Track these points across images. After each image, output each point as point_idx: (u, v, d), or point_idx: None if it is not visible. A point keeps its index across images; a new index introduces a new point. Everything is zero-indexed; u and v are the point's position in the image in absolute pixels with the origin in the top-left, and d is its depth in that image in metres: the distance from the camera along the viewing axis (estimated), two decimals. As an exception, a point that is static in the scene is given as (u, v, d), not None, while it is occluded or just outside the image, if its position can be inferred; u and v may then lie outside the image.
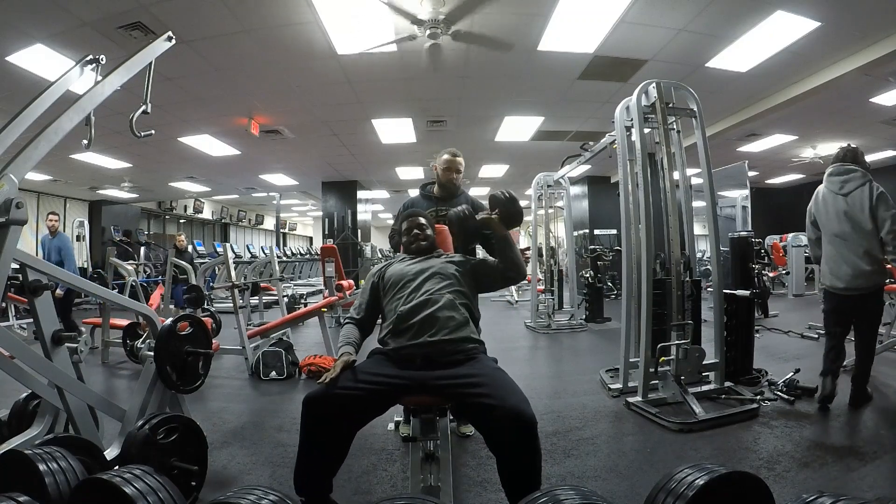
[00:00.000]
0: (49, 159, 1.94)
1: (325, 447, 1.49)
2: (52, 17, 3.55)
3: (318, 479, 1.53)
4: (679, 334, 2.86)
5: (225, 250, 4.49)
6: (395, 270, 1.88)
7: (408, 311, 1.68)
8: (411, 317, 1.67)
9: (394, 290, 1.80)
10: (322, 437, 1.47)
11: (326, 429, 1.47)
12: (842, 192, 2.75)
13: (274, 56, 4.44)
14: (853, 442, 2.26)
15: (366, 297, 1.90)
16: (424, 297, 1.70)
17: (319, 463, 1.51)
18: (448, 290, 1.75)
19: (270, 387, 3.55)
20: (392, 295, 1.80)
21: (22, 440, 1.58)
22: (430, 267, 1.84)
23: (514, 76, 5.09)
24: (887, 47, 4.18)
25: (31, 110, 1.62)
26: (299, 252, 15.23)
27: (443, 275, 1.80)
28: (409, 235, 2.03)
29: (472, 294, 1.86)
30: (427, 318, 1.65)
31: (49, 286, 1.60)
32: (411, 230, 2.03)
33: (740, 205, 5.14)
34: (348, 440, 1.52)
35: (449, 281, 1.79)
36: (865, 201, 2.65)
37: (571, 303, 6.52)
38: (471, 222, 1.90)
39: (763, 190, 11.39)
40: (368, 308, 1.88)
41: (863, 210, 2.65)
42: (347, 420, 1.50)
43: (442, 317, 1.66)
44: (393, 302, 1.77)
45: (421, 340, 1.62)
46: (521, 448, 1.39)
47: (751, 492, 1.06)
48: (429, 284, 1.76)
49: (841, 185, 2.77)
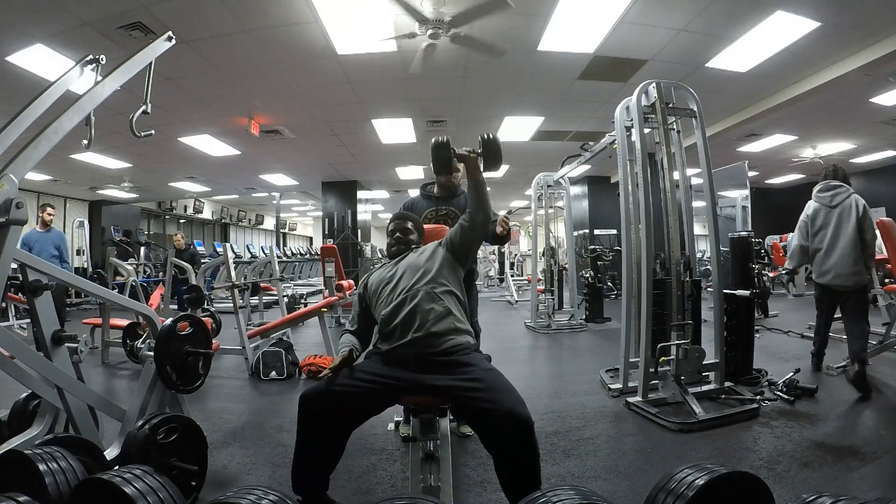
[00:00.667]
0: (49, 159, 1.94)
1: (322, 444, 1.50)
2: (52, 17, 3.55)
3: (315, 477, 1.54)
4: (679, 334, 2.86)
5: (225, 250, 4.49)
6: (375, 278, 1.88)
7: (389, 314, 1.69)
8: (393, 318, 1.67)
9: (377, 297, 1.81)
10: (318, 433, 1.48)
11: (323, 426, 1.48)
12: (832, 205, 3.26)
13: (274, 56, 4.44)
14: (853, 442, 2.25)
15: (356, 309, 1.90)
16: (401, 297, 1.70)
17: (316, 460, 1.52)
18: (422, 282, 1.73)
19: (270, 387, 3.55)
20: (376, 302, 1.80)
21: (22, 440, 1.58)
22: (404, 265, 1.83)
23: (514, 76, 5.09)
24: (887, 47, 4.18)
25: (31, 110, 1.62)
26: (299, 252, 15.24)
27: (414, 267, 1.79)
28: (391, 238, 2.01)
29: (453, 275, 1.82)
30: (408, 315, 1.65)
31: (49, 286, 1.60)
32: (394, 233, 2.01)
33: (740, 205, 5.15)
34: (345, 437, 1.53)
35: (421, 271, 1.77)
36: (853, 211, 3.17)
37: (571, 303, 6.52)
38: (443, 152, 1.82)
39: (763, 190, 11.39)
40: (361, 319, 1.87)
41: (849, 218, 3.17)
42: (345, 417, 1.51)
43: (422, 311, 1.65)
44: (378, 308, 1.78)
45: (408, 339, 1.62)
46: (518, 449, 1.38)
47: (751, 492, 1.06)
48: (403, 282, 1.75)
49: (831, 198, 3.27)
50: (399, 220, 2.04)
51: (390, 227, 2.05)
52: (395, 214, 2.11)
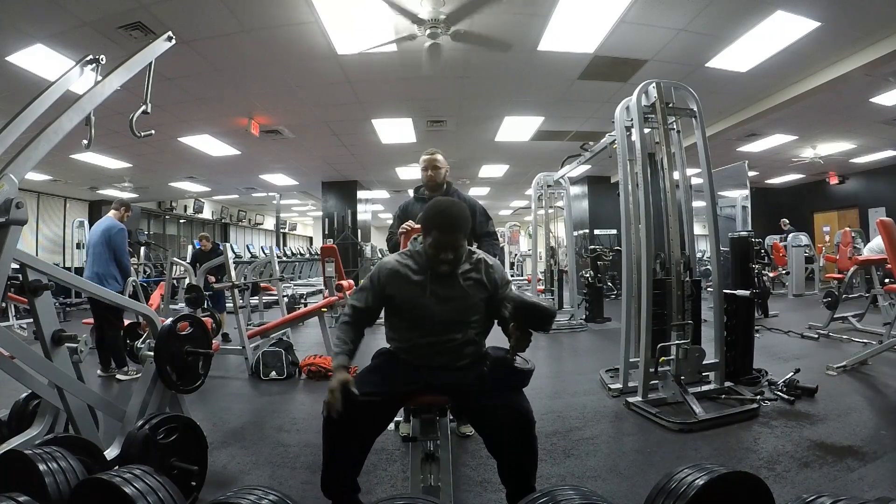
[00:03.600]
0: (49, 159, 1.94)
1: (349, 455, 1.51)
2: (52, 17, 3.55)
3: (347, 482, 1.56)
4: (679, 334, 2.86)
5: (225, 250, 4.49)
6: (404, 292, 1.60)
7: (425, 344, 1.60)
8: (429, 349, 1.60)
9: (408, 313, 1.61)
10: (344, 448, 1.49)
11: (348, 441, 1.48)
12: None
13: (274, 56, 4.43)
14: (853, 442, 2.25)
15: (369, 300, 1.65)
16: (445, 337, 1.58)
17: (345, 469, 1.54)
18: (471, 326, 1.61)
19: (270, 387, 3.55)
20: (403, 315, 1.62)
21: (22, 440, 1.59)
22: (449, 296, 1.59)
23: (514, 76, 5.09)
24: (887, 47, 4.17)
25: (31, 110, 1.62)
26: (299, 252, 15.23)
27: (464, 304, 1.59)
28: (437, 252, 1.54)
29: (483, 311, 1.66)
30: (443, 350, 1.60)
31: (49, 286, 1.60)
32: (444, 249, 1.53)
33: (740, 205, 5.15)
34: (370, 445, 1.56)
35: (469, 311, 1.60)
36: None
37: (571, 303, 6.52)
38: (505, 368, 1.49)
39: (763, 190, 11.38)
40: (365, 315, 1.65)
41: None
42: (368, 431, 1.52)
43: (458, 349, 1.62)
44: (407, 329, 1.62)
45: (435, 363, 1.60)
46: (520, 444, 1.43)
47: (751, 492, 1.06)
48: (450, 317, 1.58)
49: None
50: (448, 234, 1.53)
51: (436, 237, 1.53)
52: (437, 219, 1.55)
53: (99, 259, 3.88)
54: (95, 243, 3.93)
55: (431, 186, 2.60)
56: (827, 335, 4.68)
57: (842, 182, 10.75)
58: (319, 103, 5.79)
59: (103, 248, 3.90)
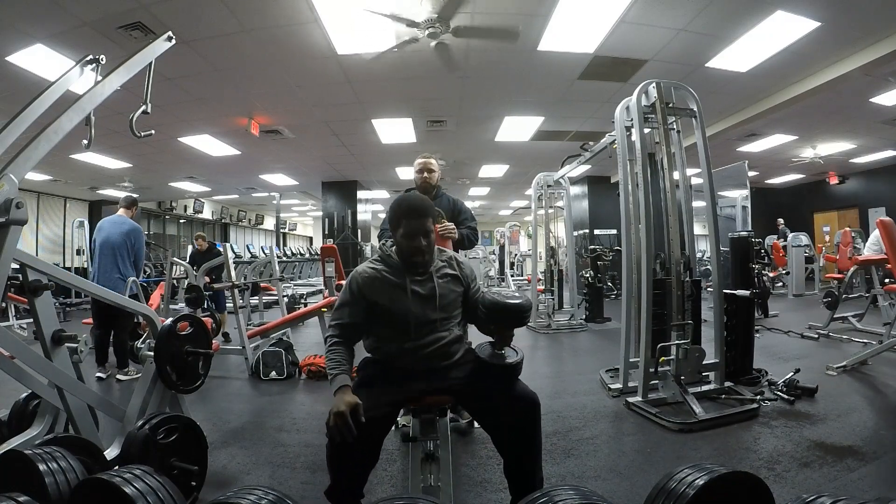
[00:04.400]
0: (49, 159, 1.94)
1: (357, 467, 1.46)
2: (52, 17, 3.55)
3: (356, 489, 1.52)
4: (679, 334, 2.86)
5: (225, 250, 4.49)
6: (386, 295, 1.57)
7: (414, 348, 1.57)
8: (415, 352, 1.58)
9: (393, 317, 1.57)
10: (354, 465, 1.44)
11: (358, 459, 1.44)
12: None
13: (274, 56, 4.43)
14: (853, 442, 2.25)
15: (353, 314, 1.59)
16: (433, 337, 1.58)
17: (353, 479, 1.48)
18: (453, 321, 1.64)
19: (270, 387, 3.55)
20: (387, 321, 1.58)
21: (22, 440, 1.59)
22: (430, 293, 1.59)
23: (514, 76, 5.09)
24: (887, 47, 4.17)
25: (31, 110, 1.62)
26: (299, 252, 15.23)
27: (445, 301, 1.61)
28: (410, 241, 1.57)
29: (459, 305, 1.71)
30: (434, 353, 1.59)
31: (49, 286, 1.60)
32: (415, 236, 1.56)
33: (740, 205, 5.14)
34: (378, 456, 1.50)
35: (451, 306, 1.63)
36: None
37: (571, 303, 6.52)
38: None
39: (763, 190, 11.39)
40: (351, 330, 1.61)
41: None
42: (377, 444, 1.48)
43: (447, 347, 1.62)
44: (393, 335, 1.58)
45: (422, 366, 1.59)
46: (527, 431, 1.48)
47: (751, 492, 1.06)
48: (434, 316, 1.58)
49: None
50: (417, 220, 1.56)
51: (404, 227, 1.57)
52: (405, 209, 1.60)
53: (123, 262, 3.81)
54: (118, 245, 3.81)
55: (424, 188, 2.70)
56: (827, 335, 4.68)
57: (842, 182, 10.75)
58: (319, 103, 5.79)
59: (127, 251, 3.84)
